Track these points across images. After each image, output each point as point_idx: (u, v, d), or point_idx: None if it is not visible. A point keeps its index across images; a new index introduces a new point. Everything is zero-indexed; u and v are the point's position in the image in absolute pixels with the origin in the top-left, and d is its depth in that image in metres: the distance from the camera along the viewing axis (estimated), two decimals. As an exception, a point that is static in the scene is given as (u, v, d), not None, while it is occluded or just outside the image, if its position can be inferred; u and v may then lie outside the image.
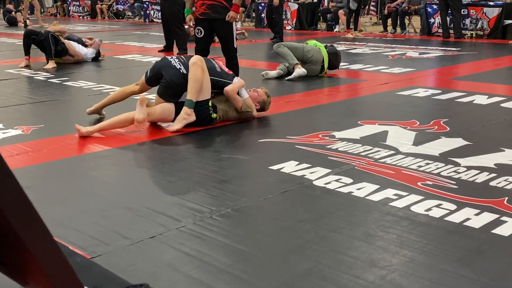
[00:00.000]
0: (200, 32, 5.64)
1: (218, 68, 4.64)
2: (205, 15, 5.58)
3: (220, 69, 4.64)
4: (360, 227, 2.54)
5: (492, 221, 2.57)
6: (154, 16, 18.22)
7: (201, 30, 5.64)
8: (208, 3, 5.52)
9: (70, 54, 8.41)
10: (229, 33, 5.61)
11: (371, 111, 5.13)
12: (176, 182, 3.22)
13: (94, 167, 3.57)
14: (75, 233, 2.51)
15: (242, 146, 3.97)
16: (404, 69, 7.48)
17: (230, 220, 2.65)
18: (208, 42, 5.83)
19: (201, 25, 5.66)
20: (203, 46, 5.76)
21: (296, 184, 3.12)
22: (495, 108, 5.03)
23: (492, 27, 11.34)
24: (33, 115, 5.17)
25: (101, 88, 6.37)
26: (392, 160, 3.51)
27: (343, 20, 13.41)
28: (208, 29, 5.65)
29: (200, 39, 5.74)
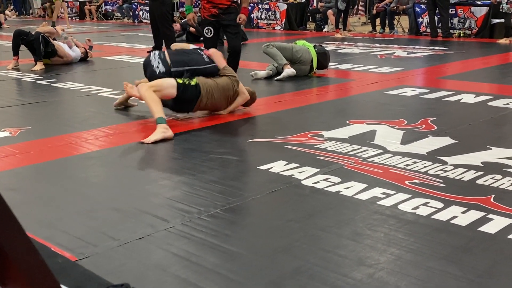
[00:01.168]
0: (210, 32, 5.75)
1: (206, 58, 4.74)
2: (216, 17, 5.67)
3: (208, 58, 4.74)
4: (348, 226, 2.55)
5: (478, 219, 2.59)
6: (143, 16, 18.17)
7: (211, 30, 5.76)
8: (220, 7, 5.62)
9: (59, 55, 8.38)
10: (237, 30, 5.70)
11: (359, 111, 5.15)
12: (164, 182, 3.22)
13: (82, 168, 3.56)
14: (63, 235, 2.50)
15: (231, 146, 3.98)
16: (393, 68, 7.52)
17: (219, 220, 2.65)
18: (214, 41, 5.94)
19: (210, 25, 5.78)
20: (211, 45, 5.83)
21: (285, 183, 3.12)
22: (482, 106, 5.07)
23: (479, 26, 11.42)
24: (20, 117, 5.15)
25: (89, 89, 6.34)
26: (380, 159, 3.53)
27: (332, 20, 13.44)
28: (217, 29, 5.73)
29: (209, 39, 5.89)
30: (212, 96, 4.59)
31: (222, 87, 4.63)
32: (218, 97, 4.62)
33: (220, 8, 5.66)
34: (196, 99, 4.55)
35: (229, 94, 4.69)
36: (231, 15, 5.67)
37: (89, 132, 4.37)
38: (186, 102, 4.57)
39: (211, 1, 5.72)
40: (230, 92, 4.69)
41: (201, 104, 4.61)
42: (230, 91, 4.68)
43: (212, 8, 5.71)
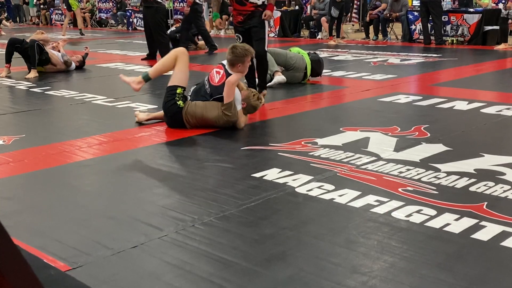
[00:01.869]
0: (239, 39, 5.80)
1: (208, 88, 4.76)
2: (242, 24, 5.70)
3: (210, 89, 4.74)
4: (342, 234, 2.56)
5: (471, 226, 2.60)
6: (137, 24, 18.18)
7: (240, 36, 5.81)
8: (244, 13, 5.66)
9: (52, 63, 8.37)
10: (262, 34, 5.69)
11: (353, 118, 5.16)
12: (158, 190, 3.22)
13: (76, 176, 3.56)
14: (56, 244, 2.49)
15: (225, 154, 3.98)
16: (386, 75, 7.55)
17: (213, 228, 2.65)
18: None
19: (239, 32, 5.85)
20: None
21: (279, 191, 3.13)
22: (475, 114, 5.10)
23: (472, 33, 11.48)
24: (14, 125, 5.13)
25: (83, 97, 6.34)
26: (373, 166, 3.54)
27: (325, 28, 13.49)
28: (246, 35, 5.75)
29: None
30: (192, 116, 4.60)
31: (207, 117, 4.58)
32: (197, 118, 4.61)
33: (244, 14, 5.68)
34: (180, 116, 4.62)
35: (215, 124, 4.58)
36: (254, 18, 5.68)
37: (82, 140, 4.37)
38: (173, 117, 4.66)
39: (236, 8, 5.75)
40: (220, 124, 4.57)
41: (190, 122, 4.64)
42: (217, 122, 4.56)
43: (238, 15, 5.75)
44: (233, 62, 4.67)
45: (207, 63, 9.52)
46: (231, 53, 4.70)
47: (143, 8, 9.68)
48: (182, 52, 4.81)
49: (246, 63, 4.74)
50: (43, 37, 8.42)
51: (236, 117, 4.56)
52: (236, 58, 4.67)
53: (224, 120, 4.53)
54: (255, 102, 4.71)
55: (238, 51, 4.69)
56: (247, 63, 4.76)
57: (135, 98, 6.19)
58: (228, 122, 4.54)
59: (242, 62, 4.69)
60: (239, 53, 4.67)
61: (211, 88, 4.72)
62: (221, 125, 4.56)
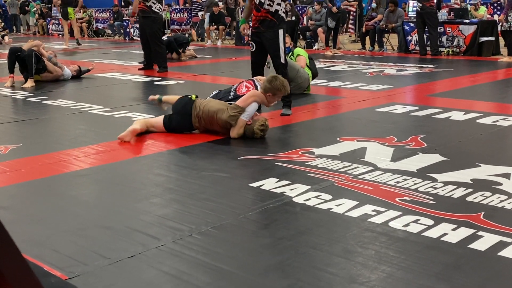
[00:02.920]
0: (252, 47, 5.79)
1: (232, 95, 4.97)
2: (257, 29, 5.69)
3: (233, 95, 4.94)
4: (339, 244, 2.56)
5: (468, 236, 2.61)
6: (134, 34, 18.22)
7: (253, 45, 5.81)
8: (259, 18, 5.64)
9: (49, 70, 8.38)
10: (276, 48, 5.64)
11: (350, 128, 5.18)
12: (155, 200, 3.21)
13: (72, 186, 3.55)
14: (53, 253, 2.49)
15: (222, 164, 3.98)
16: (382, 86, 7.58)
17: (210, 238, 2.64)
18: (259, 56, 5.87)
19: (253, 40, 5.83)
20: (253, 60, 5.89)
21: (276, 201, 3.13)
22: (471, 124, 5.12)
23: (468, 44, 11.54)
24: (11, 134, 5.13)
25: (80, 106, 6.34)
26: (370, 176, 3.55)
27: (322, 38, 13.54)
28: (259, 44, 5.72)
29: (252, 53, 5.90)
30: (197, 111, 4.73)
31: (209, 108, 4.68)
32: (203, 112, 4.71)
33: (258, 20, 5.64)
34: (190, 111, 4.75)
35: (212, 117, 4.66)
36: (268, 29, 5.60)
37: (79, 150, 4.37)
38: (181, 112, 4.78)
39: (254, 14, 5.72)
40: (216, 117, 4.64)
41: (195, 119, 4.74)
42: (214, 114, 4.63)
43: (255, 22, 5.72)
44: (266, 90, 4.71)
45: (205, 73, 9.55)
46: (269, 81, 4.71)
47: (139, 17, 9.62)
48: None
49: (276, 98, 4.77)
50: (35, 43, 8.40)
51: (233, 120, 4.58)
52: (271, 88, 4.68)
53: (220, 117, 4.61)
54: (257, 128, 4.61)
55: (276, 83, 4.68)
56: (276, 98, 4.78)
57: (132, 107, 6.19)
58: (223, 120, 4.60)
59: (273, 94, 4.71)
60: (275, 85, 4.67)
61: (235, 95, 4.84)
62: (220, 121, 4.63)
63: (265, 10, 5.60)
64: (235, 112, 4.56)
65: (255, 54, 5.87)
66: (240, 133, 4.61)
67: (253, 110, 4.62)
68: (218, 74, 9.48)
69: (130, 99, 6.90)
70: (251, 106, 4.61)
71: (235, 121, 4.56)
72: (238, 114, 4.55)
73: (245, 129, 4.61)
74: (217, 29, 16.32)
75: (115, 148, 4.45)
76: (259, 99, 4.68)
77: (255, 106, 4.66)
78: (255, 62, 5.90)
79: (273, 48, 5.65)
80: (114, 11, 20.21)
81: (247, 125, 4.60)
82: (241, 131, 4.61)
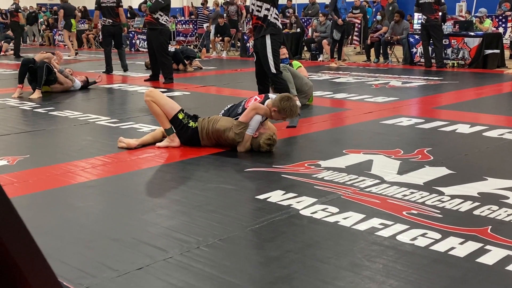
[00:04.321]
0: (254, 57, 5.81)
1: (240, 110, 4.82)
2: (254, 38, 5.72)
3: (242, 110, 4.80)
4: (347, 257, 2.56)
5: (476, 250, 2.60)
6: (139, 45, 18.33)
7: (254, 54, 5.81)
8: (253, 26, 5.70)
9: (59, 82, 8.45)
10: (263, 56, 5.62)
11: (356, 140, 5.18)
12: (162, 212, 3.22)
13: (80, 197, 3.56)
14: (61, 265, 2.49)
15: (229, 175, 3.99)
16: (388, 98, 7.59)
17: (217, 250, 2.65)
18: (260, 65, 5.86)
19: (254, 50, 5.92)
20: (256, 69, 5.88)
21: (283, 213, 3.13)
22: (478, 137, 5.12)
23: (473, 57, 11.56)
24: (18, 145, 5.15)
25: (87, 117, 6.37)
26: (377, 189, 3.55)
27: (327, 50, 13.59)
28: (257, 53, 5.75)
29: (254, 63, 5.91)
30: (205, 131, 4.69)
31: (217, 127, 4.63)
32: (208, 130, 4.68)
33: (253, 28, 5.66)
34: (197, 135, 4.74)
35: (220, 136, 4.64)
36: (257, 35, 5.59)
37: (86, 161, 4.38)
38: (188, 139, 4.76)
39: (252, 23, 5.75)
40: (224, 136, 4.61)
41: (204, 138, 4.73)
42: (222, 133, 4.61)
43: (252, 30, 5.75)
44: (274, 104, 4.67)
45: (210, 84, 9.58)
46: (280, 100, 4.66)
47: (147, 30, 9.82)
48: (150, 93, 4.80)
49: (280, 116, 4.74)
50: (47, 55, 8.49)
51: (240, 138, 4.57)
52: (277, 105, 4.64)
53: (227, 135, 4.59)
54: (263, 143, 4.58)
55: (285, 104, 4.61)
56: (280, 117, 4.76)
57: (138, 119, 6.22)
58: (230, 138, 4.58)
59: (278, 112, 4.68)
60: (283, 105, 4.61)
61: (243, 110, 4.81)
62: (225, 139, 4.61)
63: (256, 16, 5.63)
64: (240, 130, 4.55)
65: (257, 63, 5.89)
66: (247, 147, 4.62)
67: (256, 123, 4.62)
68: (223, 86, 9.51)
69: (137, 110, 6.93)
70: (254, 120, 4.61)
71: (242, 138, 4.58)
72: (243, 130, 4.56)
73: (251, 143, 4.62)
74: (222, 40, 16.39)
75: (122, 159, 4.47)
76: (261, 112, 4.64)
77: (258, 118, 4.65)
78: (257, 72, 5.91)
79: (262, 57, 5.67)
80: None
81: (253, 139, 4.60)
82: (248, 145, 4.61)
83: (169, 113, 4.74)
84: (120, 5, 11.17)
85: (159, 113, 4.74)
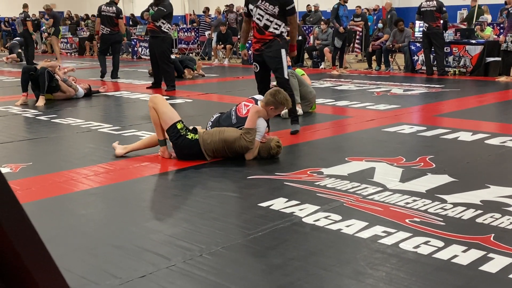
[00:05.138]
0: (256, 67, 5.89)
1: (234, 119, 4.84)
2: (259, 51, 5.80)
3: (237, 119, 4.82)
4: (350, 265, 2.56)
5: (479, 258, 2.60)
6: (142, 53, 18.38)
7: (256, 65, 5.92)
8: (263, 42, 5.76)
9: (61, 90, 8.47)
10: (278, 62, 5.74)
11: (358, 148, 5.19)
12: (165, 219, 3.23)
13: (82, 205, 3.57)
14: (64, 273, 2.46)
15: (231, 183, 3.99)
16: (389, 105, 7.60)
17: (220, 258, 2.65)
18: (264, 76, 6.00)
19: (255, 60, 5.93)
20: (259, 80, 6.01)
21: (286, 221, 3.13)
22: (480, 145, 5.12)
23: (474, 65, 11.57)
24: (21, 153, 5.17)
25: (89, 125, 6.38)
26: (380, 197, 3.55)
27: (328, 58, 13.62)
28: (262, 64, 5.84)
29: (256, 74, 6.01)
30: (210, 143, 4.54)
31: (224, 138, 4.54)
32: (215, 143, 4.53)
33: (262, 42, 5.76)
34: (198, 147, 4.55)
35: (231, 146, 4.55)
36: (271, 47, 5.73)
37: (89, 168, 4.39)
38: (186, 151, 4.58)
39: (256, 37, 5.84)
40: (235, 146, 4.55)
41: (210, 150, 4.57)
42: (233, 144, 4.53)
43: (257, 43, 5.84)
44: (268, 103, 4.72)
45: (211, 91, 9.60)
46: (272, 94, 4.73)
47: (149, 38, 9.89)
48: (153, 98, 4.72)
49: (278, 111, 4.81)
50: (51, 64, 8.53)
51: (252, 145, 4.54)
52: (274, 102, 4.71)
53: (240, 144, 4.51)
54: (274, 144, 4.61)
55: (279, 96, 4.71)
56: (278, 111, 4.82)
57: (141, 126, 6.23)
58: (243, 147, 4.52)
59: (276, 108, 4.75)
60: (279, 99, 4.70)
61: (237, 119, 4.82)
62: (237, 149, 4.53)
63: (270, 33, 5.70)
64: (252, 136, 4.52)
65: (259, 74, 5.97)
66: (256, 154, 4.62)
67: (263, 127, 4.65)
68: (225, 93, 9.53)
69: (139, 117, 6.95)
70: (260, 124, 4.62)
71: (253, 144, 4.56)
72: (254, 137, 4.55)
73: (259, 149, 4.63)
74: (224, 48, 16.44)
75: (124, 166, 4.47)
76: (262, 114, 4.67)
77: (264, 122, 4.68)
78: (261, 82, 5.99)
79: (275, 63, 5.74)
80: (122, 30, 20.40)
81: (261, 144, 4.62)
82: (256, 152, 4.62)
83: (166, 122, 4.56)
84: (120, 17, 11.47)
85: (156, 122, 4.63)
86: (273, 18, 5.67)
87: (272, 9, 5.63)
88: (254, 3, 5.73)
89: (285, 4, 5.63)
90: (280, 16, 5.67)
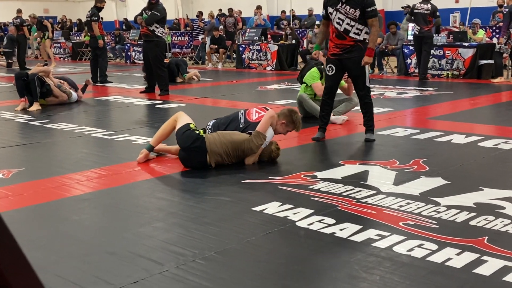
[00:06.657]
0: (331, 70, 5.71)
1: (242, 123, 4.79)
2: (337, 56, 5.62)
3: (244, 123, 4.77)
4: (344, 269, 2.55)
5: (473, 261, 2.60)
6: (135, 57, 18.35)
7: (332, 67, 5.70)
8: (342, 47, 5.56)
9: (54, 95, 8.44)
10: (362, 70, 5.63)
11: (351, 151, 5.19)
12: (158, 224, 3.21)
13: (75, 210, 3.55)
14: (56, 279, 2.48)
15: (225, 187, 3.98)
16: (383, 109, 7.61)
17: (214, 263, 2.64)
18: (337, 79, 5.84)
19: (332, 63, 5.71)
20: (331, 84, 5.79)
21: (280, 225, 3.12)
22: (473, 147, 5.13)
23: (467, 67, 11.62)
24: (13, 158, 5.13)
25: (82, 130, 6.36)
26: (373, 200, 3.55)
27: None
28: (339, 67, 5.69)
29: (330, 77, 5.81)
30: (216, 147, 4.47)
31: (233, 139, 4.51)
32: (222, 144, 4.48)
33: (342, 48, 5.59)
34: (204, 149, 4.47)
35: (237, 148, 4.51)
36: (352, 53, 5.53)
37: (82, 174, 4.37)
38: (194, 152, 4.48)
39: (334, 42, 5.63)
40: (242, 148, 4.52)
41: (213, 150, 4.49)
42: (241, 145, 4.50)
43: (335, 48, 5.65)
44: (281, 116, 4.77)
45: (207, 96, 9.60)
46: (289, 111, 4.81)
47: (143, 42, 9.86)
48: (178, 114, 4.83)
49: (286, 128, 4.84)
50: (43, 69, 8.50)
51: (257, 150, 4.54)
52: (287, 119, 4.77)
53: (248, 146, 4.50)
54: (276, 147, 4.65)
55: (295, 116, 4.82)
56: (286, 129, 4.85)
57: (134, 131, 6.21)
58: (249, 149, 4.51)
59: (286, 124, 4.80)
60: (294, 119, 4.80)
61: (246, 122, 4.77)
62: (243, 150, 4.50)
63: (352, 38, 5.51)
64: (260, 143, 4.53)
65: (333, 77, 5.73)
66: (256, 160, 4.62)
67: (271, 136, 4.67)
68: (219, 97, 9.53)
69: (132, 122, 6.93)
70: (269, 132, 4.65)
71: (259, 147, 4.56)
72: (262, 142, 4.55)
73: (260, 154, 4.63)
74: (217, 52, 16.44)
75: (118, 172, 4.45)
76: (274, 116, 4.72)
77: (272, 132, 4.70)
78: (332, 86, 5.75)
79: (358, 70, 5.56)
80: (116, 34, 20.39)
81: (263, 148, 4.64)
82: (257, 158, 4.62)
83: (181, 122, 4.64)
84: (93, 20, 11.51)
85: (165, 131, 4.73)
86: (354, 22, 5.44)
87: (353, 13, 5.40)
88: (334, 6, 5.48)
89: (366, 6, 5.38)
90: (361, 20, 5.43)
